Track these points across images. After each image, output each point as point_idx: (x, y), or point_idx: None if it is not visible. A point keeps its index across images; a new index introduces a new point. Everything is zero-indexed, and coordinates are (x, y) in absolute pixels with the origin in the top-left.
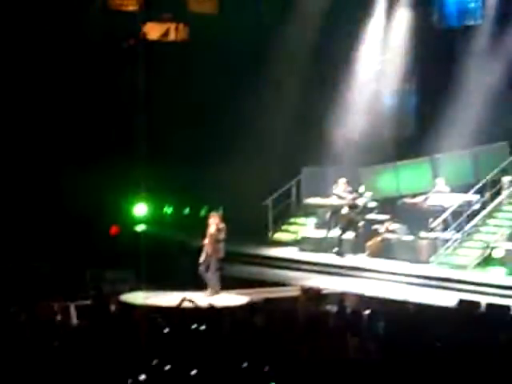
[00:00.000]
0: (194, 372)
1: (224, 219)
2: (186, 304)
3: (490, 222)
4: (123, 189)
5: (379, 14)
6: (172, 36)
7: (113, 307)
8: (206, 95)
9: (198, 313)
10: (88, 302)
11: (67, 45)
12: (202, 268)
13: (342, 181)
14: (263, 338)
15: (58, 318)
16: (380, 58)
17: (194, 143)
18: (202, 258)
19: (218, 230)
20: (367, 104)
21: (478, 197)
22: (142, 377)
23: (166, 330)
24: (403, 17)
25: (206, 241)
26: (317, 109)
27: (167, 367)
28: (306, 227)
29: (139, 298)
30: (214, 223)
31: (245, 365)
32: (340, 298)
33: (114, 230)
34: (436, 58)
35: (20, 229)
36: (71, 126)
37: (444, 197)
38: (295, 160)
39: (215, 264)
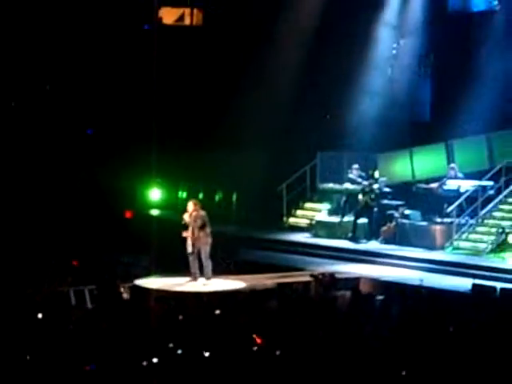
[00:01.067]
0: (207, 354)
1: (203, 207)
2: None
3: (505, 207)
4: (138, 174)
5: None
6: (187, 21)
7: (125, 292)
8: (220, 81)
9: (212, 297)
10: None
11: (83, 29)
12: (190, 257)
13: (355, 166)
14: (277, 323)
15: (73, 301)
16: (395, 43)
17: (209, 129)
18: (188, 248)
19: (194, 218)
20: (382, 89)
21: (492, 182)
22: (155, 360)
23: (179, 314)
24: (418, 1)
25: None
26: (331, 94)
27: (179, 351)
28: (320, 212)
29: (153, 282)
30: (189, 210)
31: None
32: (354, 283)
33: (128, 214)
34: (451, 42)
35: (33, 214)
36: (87, 112)
37: (459, 182)
38: (310, 145)
39: (205, 250)
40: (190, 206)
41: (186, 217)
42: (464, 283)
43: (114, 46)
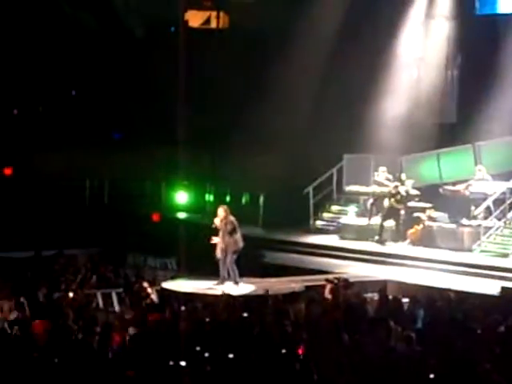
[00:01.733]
0: (231, 356)
1: (232, 212)
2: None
3: None
4: (165, 177)
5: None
6: (213, 24)
7: (153, 295)
8: (246, 83)
9: (239, 300)
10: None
11: (109, 34)
12: (221, 261)
13: (382, 169)
14: (302, 326)
15: (100, 304)
16: (421, 44)
17: (237, 131)
18: (218, 254)
19: (225, 223)
20: (409, 91)
21: None
22: (183, 363)
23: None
24: (445, 2)
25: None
26: (358, 96)
27: (207, 354)
28: (347, 215)
29: (181, 285)
30: (220, 216)
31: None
32: (381, 285)
33: (155, 217)
34: (478, 44)
35: (61, 214)
36: (113, 114)
37: (486, 184)
38: (336, 147)
39: (231, 256)
40: (221, 211)
41: (217, 221)
42: (492, 286)
43: (141, 49)
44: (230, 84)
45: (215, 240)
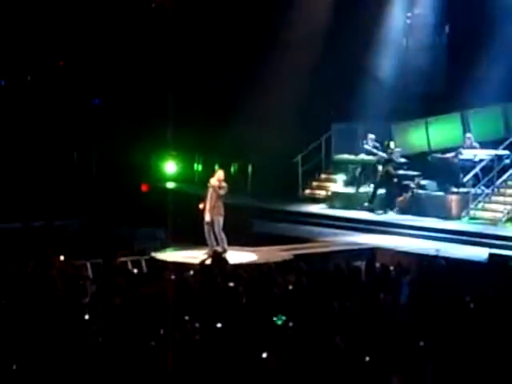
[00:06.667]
0: (219, 325)
1: (226, 179)
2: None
3: None
4: (153, 147)
5: None
6: None
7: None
8: (236, 52)
9: (228, 270)
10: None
11: (98, 6)
12: (206, 229)
13: (371, 137)
14: (294, 295)
15: (90, 275)
16: (409, 12)
17: (225, 101)
18: (206, 217)
19: (219, 186)
20: (397, 59)
21: (508, 152)
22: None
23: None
24: None
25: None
26: (346, 65)
27: (196, 324)
28: (336, 183)
29: (170, 255)
30: (219, 177)
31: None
32: (370, 254)
33: (144, 187)
34: (466, 11)
35: (49, 186)
36: (103, 85)
37: (474, 152)
38: (326, 116)
39: (218, 222)
40: (221, 173)
41: (213, 181)
42: (480, 253)
43: (130, 17)
44: (221, 53)
45: (202, 205)
